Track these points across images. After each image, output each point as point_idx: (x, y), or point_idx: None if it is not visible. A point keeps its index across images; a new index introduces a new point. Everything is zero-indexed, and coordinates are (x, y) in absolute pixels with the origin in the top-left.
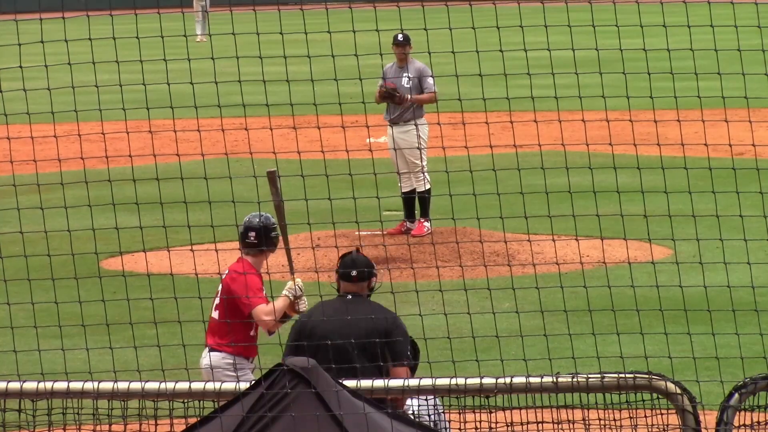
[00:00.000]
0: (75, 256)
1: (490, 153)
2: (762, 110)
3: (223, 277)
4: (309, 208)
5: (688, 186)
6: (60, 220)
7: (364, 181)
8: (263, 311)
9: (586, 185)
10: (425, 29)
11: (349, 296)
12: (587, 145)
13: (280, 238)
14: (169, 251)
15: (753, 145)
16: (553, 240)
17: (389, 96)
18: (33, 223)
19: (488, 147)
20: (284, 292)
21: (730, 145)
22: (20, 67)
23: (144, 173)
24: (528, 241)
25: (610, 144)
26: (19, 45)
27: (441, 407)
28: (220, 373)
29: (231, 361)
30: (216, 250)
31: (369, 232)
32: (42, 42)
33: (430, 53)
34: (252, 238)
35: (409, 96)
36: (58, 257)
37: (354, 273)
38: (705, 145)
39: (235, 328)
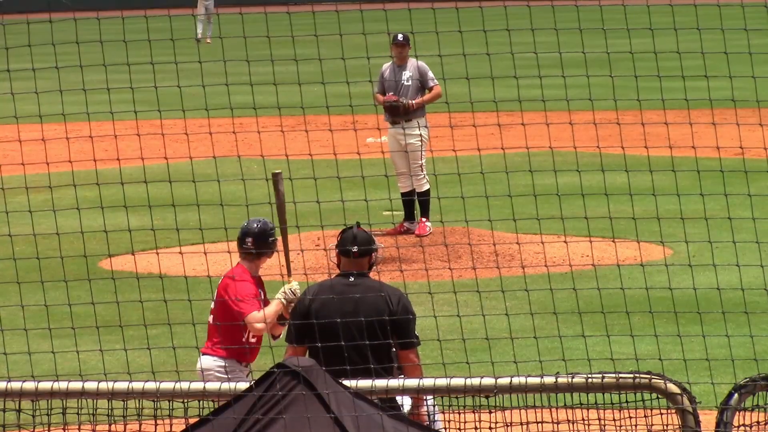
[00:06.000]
0: (77, 257)
1: (500, 153)
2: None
3: (219, 282)
4: (308, 208)
5: (699, 188)
6: (61, 220)
7: (365, 182)
8: (255, 319)
9: (590, 186)
10: (435, 32)
11: (352, 277)
12: (599, 148)
13: (279, 240)
14: (181, 251)
15: (765, 148)
16: (565, 242)
17: (393, 108)
18: (40, 223)
19: (500, 148)
20: (278, 295)
21: (742, 148)
22: (33, 69)
23: (141, 175)
24: (541, 242)
25: (621, 147)
26: (30, 46)
27: (435, 407)
28: (212, 376)
29: (223, 365)
30: (229, 252)
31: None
32: (53, 44)
33: (441, 56)
34: (249, 244)
35: (412, 102)
36: (69, 258)
37: (355, 249)
38: (717, 148)
39: (227, 332)
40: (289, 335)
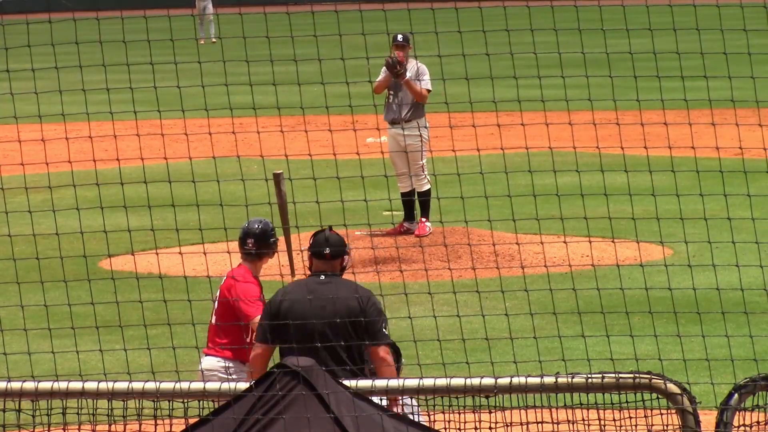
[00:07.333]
0: (77, 257)
1: (498, 153)
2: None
3: (222, 282)
4: (308, 208)
5: (699, 188)
6: (61, 220)
7: (364, 182)
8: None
9: (590, 186)
10: (435, 32)
11: (323, 276)
12: (598, 148)
13: (281, 239)
14: (181, 251)
15: (764, 149)
16: (565, 242)
17: (392, 66)
18: (40, 223)
19: (499, 148)
20: None
21: (741, 148)
22: (32, 70)
23: (141, 175)
24: (540, 242)
25: (621, 147)
26: (29, 46)
27: (418, 407)
28: (215, 376)
29: (228, 366)
30: (228, 252)
31: (368, 233)
32: (52, 45)
33: (440, 56)
34: (250, 245)
35: (407, 76)
36: (68, 258)
37: (327, 251)
38: (716, 148)
39: (230, 333)
40: (258, 334)
